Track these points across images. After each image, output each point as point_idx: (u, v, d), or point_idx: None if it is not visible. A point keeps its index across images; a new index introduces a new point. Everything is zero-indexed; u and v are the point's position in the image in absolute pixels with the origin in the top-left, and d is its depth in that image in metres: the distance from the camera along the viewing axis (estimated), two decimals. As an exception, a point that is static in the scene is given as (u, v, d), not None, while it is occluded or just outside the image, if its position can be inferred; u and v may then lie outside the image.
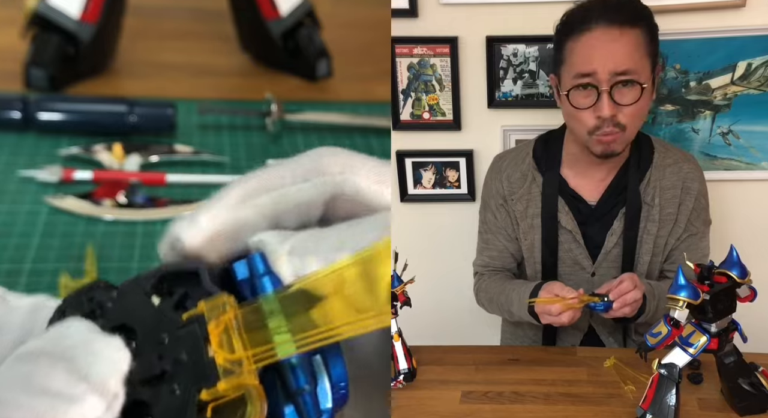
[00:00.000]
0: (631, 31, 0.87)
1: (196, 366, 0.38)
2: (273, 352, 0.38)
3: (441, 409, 0.83)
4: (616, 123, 0.88)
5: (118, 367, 0.37)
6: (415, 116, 1.19)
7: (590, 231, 0.98)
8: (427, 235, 1.26)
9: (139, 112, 1.11)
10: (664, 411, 0.74)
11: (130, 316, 0.41)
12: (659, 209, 0.95)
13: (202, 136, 1.16)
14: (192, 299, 0.40)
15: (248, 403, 0.37)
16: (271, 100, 1.17)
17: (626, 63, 0.86)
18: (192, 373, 0.38)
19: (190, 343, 0.39)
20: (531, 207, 0.98)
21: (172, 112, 1.13)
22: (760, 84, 1.09)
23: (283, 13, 1.30)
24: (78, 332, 0.38)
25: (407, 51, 1.15)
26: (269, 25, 1.31)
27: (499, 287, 1.00)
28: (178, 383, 0.38)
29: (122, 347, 0.38)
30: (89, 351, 0.37)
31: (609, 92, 0.87)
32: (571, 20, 0.90)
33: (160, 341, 0.39)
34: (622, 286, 0.87)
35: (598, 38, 0.87)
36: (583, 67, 0.88)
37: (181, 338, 0.39)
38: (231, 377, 0.37)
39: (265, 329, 0.38)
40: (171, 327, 0.40)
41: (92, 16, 1.21)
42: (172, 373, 0.38)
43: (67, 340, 0.37)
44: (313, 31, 1.32)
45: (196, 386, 0.38)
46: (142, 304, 0.41)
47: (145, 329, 0.40)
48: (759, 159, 1.13)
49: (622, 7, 0.88)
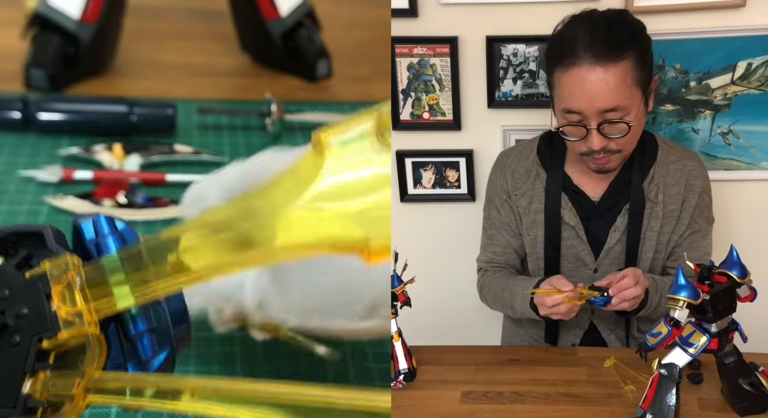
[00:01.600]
0: (618, 65, 0.86)
1: (37, 319, 0.43)
2: (112, 303, 0.44)
3: (441, 409, 0.83)
4: (608, 150, 0.90)
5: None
6: (415, 116, 1.19)
7: (593, 227, 0.98)
8: (427, 235, 1.26)
9: (139, 112, 1.11)
10: (664, 411, 0.74)
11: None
12: (663, 206, 0.95)
13: (202, 136, 1.16)
14: (37, 258, 0.45)
15: (87, 349, 0.43)
16: (271, 100, 1.17)
17: (613, 100, 0.87)
18: (33, 325, 0.43)
19: (31, 298, 0.43)
20: (534, 203, 0.98)
21: (172, 112, 1.13)
22: (760, 84, 1.09)
23: (283, 13, 1.30)
24: None
25: (407, 51, 1.15)
26: (269, 25, 1.31)
27: (502, 282, 1.00)
28: (20, 334, 0.43)
29: None
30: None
31: (597, 128, 0.88)
32: (559, 47, 0.90)
33: (2, 297, 0.44)
34: (623, 282, 0.87)
35: (584, 77, 0.87)
36: (571, 105, 0.89)
37: (22, 293, 0.43)
38: (72, 327, 0.43)
39: (105, 284, 0.44)
40: (12, 283, 0.44)
41: (92, 16, 1.21)
42: (14, 326, 0.43)
43: None
44: (313, 31, 1.32)
45: (36, 336, 0.43)
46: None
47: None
48: (759, 159, 1.13)
49: (609, 38, 0.87)
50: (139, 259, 0.44)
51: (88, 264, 0.45)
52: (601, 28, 0.87)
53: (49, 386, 0.43)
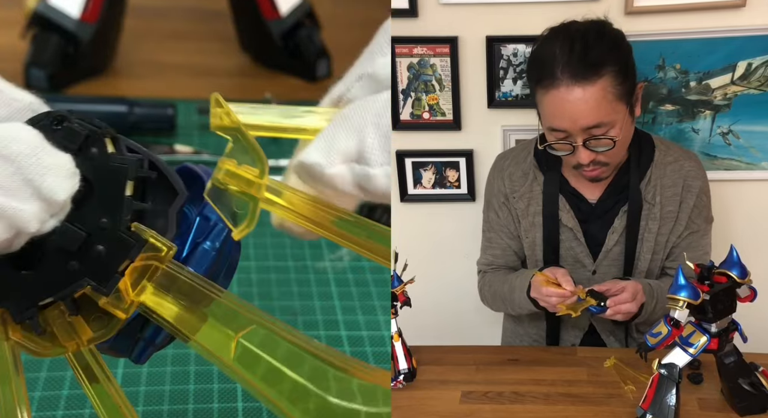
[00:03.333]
0: (597, 83, 0.86)
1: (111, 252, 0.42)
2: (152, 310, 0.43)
3: (441, 409, 0.83)
4: (597, 162, 0.91)
5: (69, 183, 0.39)
6: (415, 116, 1.19)
7: (591, 229, 0.98)
8: (427, 235, 1.26)
9: (139, 112, 1.11)
10: (664, 411, 0.74)
11: (95, 170, 0.42)
12: (660, 207, 0.95)
13: (202, 136, 1.16)
14: (156, 199, 0.44)
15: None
16: (271, 100, 1.17)
17: (595, 118, 0.87)
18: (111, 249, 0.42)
19: (120, 245, 0.42)
20: (532, 205, 0.99)
21: (172, 112, 1.13)
22: (760, 84, 1.09)
23: (283, 14, 1.30)
24: (26, 138, 0.39)
25: (407, 51, 1.15)
26: (269, 25, 1.31)
27: (501, 278, 1.01)
28: (102, 246, 0.42)
29: (74, 171, 0.40)
30: (39, 164, 0.38)
31: (584, 144, 0.89)
32: (538, 68, 0.90)
33: (102, 214, 0.42)
34: (621, 296, 0.88)
35: (563, 98, 0.87)
36: (554, 124, 0.89)
37: (116, 234, 0.42)
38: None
39: (165, 293, 0.42)
40: (117, 213, 0.42)
41: (92, 16, 1.21)
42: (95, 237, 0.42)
43: (14, 145, 0.38)
44: (313, 31, 1.32)
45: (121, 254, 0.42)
46: (113, 171, 0.43)
47: (100, 190, 0.42)
48: (759, 159, 1.13)
49: (586, 56, 0.86)
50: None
51: (173, 266, 0.43)
52: (578, 45, 0.87)
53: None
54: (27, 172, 0.38)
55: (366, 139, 0.39)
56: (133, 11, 1.33)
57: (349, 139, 0.40)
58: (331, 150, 0.40)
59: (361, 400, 0.41)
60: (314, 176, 0.40)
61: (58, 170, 0.39)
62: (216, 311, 0.42)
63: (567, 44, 0.87)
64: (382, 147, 0.39)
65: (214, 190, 0.43)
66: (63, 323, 0.42)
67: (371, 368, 0.42)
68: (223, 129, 0.43)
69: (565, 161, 0.95)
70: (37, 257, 0.41)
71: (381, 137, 0.39)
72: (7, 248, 0.39)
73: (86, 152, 0.42)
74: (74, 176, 0.40)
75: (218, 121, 0.43)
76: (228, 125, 0.43)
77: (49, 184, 0.38)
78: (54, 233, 0.41)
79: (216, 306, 0.42)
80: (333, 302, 0.89)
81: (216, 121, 0.43)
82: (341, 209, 0.42)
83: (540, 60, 0.90)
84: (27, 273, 0.42)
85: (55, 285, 0.42)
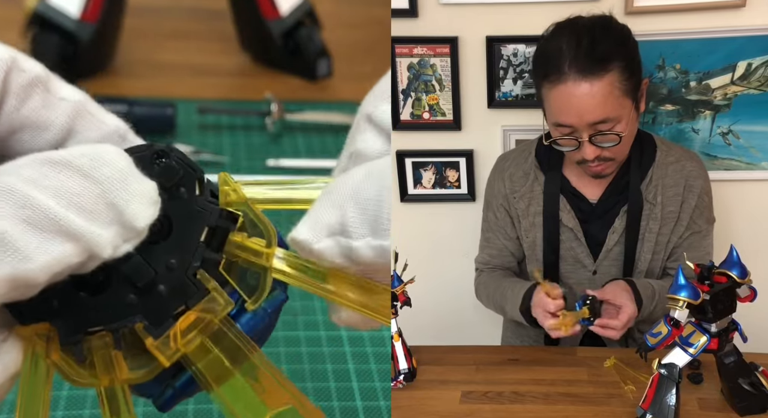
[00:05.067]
0: (604, 79, 0.86)
1: (174, 291, 0.41)
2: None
3: (441, 409, 0.83)
4: (602, 158, 0.91)
5: (150, 211, 0.39)
6: (415, 116, 1.19)
7: (592, 229, 0.98)
8: (427, 235, 1.26)
9: (139, 112, 1.11)
10: (664, 411, 0.74)
11: (178, 209, 0.42)
12: (661, 208, 0.95)
13: (202, 136, 1.16)
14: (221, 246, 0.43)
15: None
16: (271, 100, 1.17)
17: (602, 113, 0.87)
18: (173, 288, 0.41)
19: (181, 289, 0.41)
20: (533, 205, 0.99)
21: (172, 112, 1.13)
22: (760, 84, 1.09)
23: (283, 13, 1.30)
24: (117, 162, 0.38)
25: (407, 51, 1.15)
26: (269, 25, 1.31)
27: (495, 283, 1.00)
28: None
29: (157, 199, 0.39)
30: (125, 189, 0.38)
31: (589, 139, 0.88)
32: (544, 63, 0.90)
33: (173, 254, 0.41)
34: (612, 322, 0.87)
35: (570, 93, 0.87)
36: (560, 119, 0.89)
37: (182, 277, 0.41)
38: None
39: (211, 348, 0.42)
40: (188, 257, 0.41)
41: (92, 16, 1.21)
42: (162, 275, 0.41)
43: (105, 168, 0.38)
44: (313, 31, 1.32)
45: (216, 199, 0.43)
46: (194, 215, 0.42)
47: (178, 231, 0.42)
48: (759, 159, 1.13)
49: (593, 51, 0.86)
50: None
51: (226, 324, 0.42)
52: (585, 40, 0.87)
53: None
54: (113, 197, 0.37)
55: (346, 214, 0.41)
56: (133, 11, 1.33)
57: (332, 214, 0.41)
58: (317, 225, 0.41)
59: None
60: (305, 251, 0.42)
61: (142, 197, 0.38)
62: (251, 373, 0.42)
63: (574, 39, 0.87)
64: (362, 220, 0.40)
65: (227, 263, 0.43)
66: (105, 354, 0.41)
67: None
68: (232, 205, 0.43)
69: (569, 158, 0.94)
70: (100, 282, 0.40)
71: (360, 210, 0.40)
72: (76, 271, 0.38)
73: (175, 191, 0.42)
74: (156, 204, 0.39)
75: (226, 199, 0.43)
76: (236, 201, 0.43)
77: (132, 210, 0.38)
78: (125, 263, 0.39)
79: (251, 368, 0.43)
80: (333, 302, 0.89)
81: (224, 199, 0.43)
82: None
83: (546, 55, 0.90)
84: (85, 296, 0.40)
85: (111, 315, 0.40)
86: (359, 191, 0.41)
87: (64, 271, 0.36)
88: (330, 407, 0.74)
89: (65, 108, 0.44)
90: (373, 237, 0.40)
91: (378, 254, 0.40)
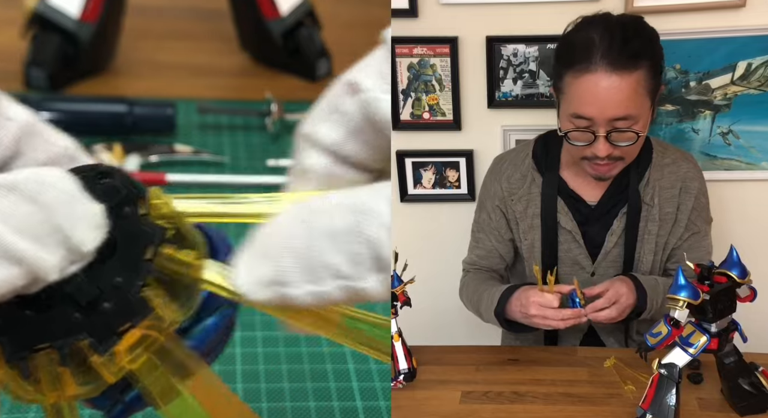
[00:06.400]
0: (633, 74, 0.85)
1: (122, 304, 0.41)
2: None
3: (441, 409, 0.83)
4: (613, 157, 0.89)
5: (97, 235, 0.39)
6: (415, 116, 1.19)
7: (590, 231, 0.98)
8: (427, 235, 1.26)
9: (139, 112, 1.11)
10: (664, 411, 0.74)
11: (122, 229, 0.42)
12: (658, 209, 0.95)
13: (202, 136, 1.16)
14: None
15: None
16: (271, 100, 1.17)
17: (625, 109, 0.86)
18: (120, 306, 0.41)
19: (127, 307, 0.41)
20: (531, 207, 0.98)
21: (172, 112, 1.13)
22: (760, 84, 1.09)
23: (283, 13, 1.30)
24: (63, 185, 0.39)
25: (407, 51, 1.15)
26: (269, 25, 1.31)
27: (474, 286, 1.00)
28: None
29: (103, 223, 0.40)
30: (71, 213, 0.38)
31: (606, 136, 0.87)
32: (571, 51, 0.88)
33: (118, 273, 0.41)
34: (597, 303, 0.88)
35: (597, 84, 0.85)
36: (581, 110, 0.87)
37: (126, 295, 0.41)
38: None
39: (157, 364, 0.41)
40: (133, 275, 0.41)
41: (92, 16, 1.21)
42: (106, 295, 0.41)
43: (51, 191, 0.38)
44: (313, 31, 1.32)
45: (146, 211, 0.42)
46: (139, 234, 0.42)
47: (123, 250, 0.42)
48: (759, 159, 1.13)
49: (626, 46, 0.85)
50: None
51: (173, 340, 0.42)
52: (618, 34, 0.85)
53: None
54: (59, 220, 0.37)
55: (280, 263, 0.39)
56: (133, 11, 1.33)
57: (264, 265, 0.40)
58: (251, 277, 0.40)
59: None
60: (246, 302, 0.41)
61: (89, 220, 0.39)
62: (199, 390, 0.42)
63: (607, 32, 0.85)
64: (302, 267, 0.39)
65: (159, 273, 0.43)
66: (51, 371, 0.41)
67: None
68: (163, 217, 0.43)
69: (576, 153, 0.92)
70: (44, 300, 0.40)
71: (297, 258, 0.39)
72: (21, 292, 0.38)
73: (119, 211, 0.42)
74: (102, 227, 0.40)
75: (158, 211, 0.43)
76: (167, 214, 0.43)
77: (78, 234, 0.38)
78: (69, 282, 0.40)
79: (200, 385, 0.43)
80: (333, 302, 0.89)
81: (155, 211, 0.43)
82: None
83: (574, 44, 0.88)
84: (30, 314, 0.40)
85: (56, 332, 0.40)
86: (293, 238, 0.39)
87: (9, 293, 0.37)
88: (330, 407, 0.74)
89: (12, 128, 0.44)
90: (315, 284, 0.39)
91: (320, 300, 0.39)
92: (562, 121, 0.91)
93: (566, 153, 0.97)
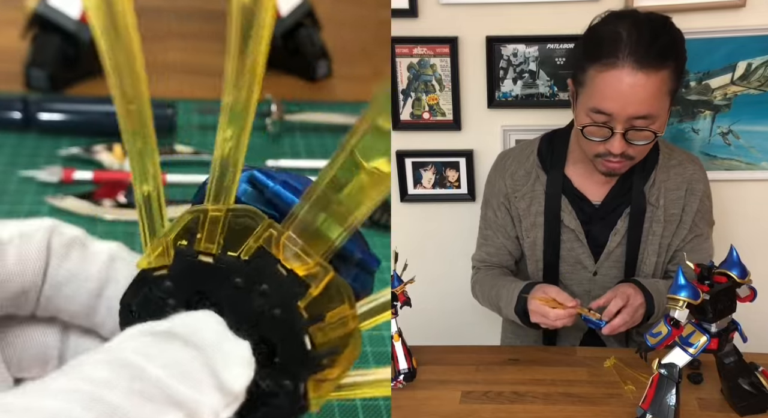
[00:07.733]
0: (659, 74, 0.84)
1: (281, 287, 0.41)
2: (332, 244, 0.41)
3: (441, 409, 0.83)
4: (626, 155, 0.89)
5: (247, 373, 0.39)
6: (415, 116, 1.19)
7: (593, 230, 0.98)
8: (427, 235, 1.26)
9: (139, 113, 1.11)
10: (664, 411, 0.74)
11: (199, 283, 0.42)
12: (663, 210, 0.95)
13: (202, 136, 1.16)
14: (230, 243, 0.42)
15: (336, 288, 0.42)
16: (271, 100, 1.17)
17: (646, 108, 0.85)
18: (282, 292, 0.41)
19: (266, 273, 0.41)
20: (534, 205, 0.98)
21: (172, 112, 1.13)
22: (760, 84, 1.09)
23: (283, 13, 1.30)
24: (210, 327, 0.40)
25: (407, 51, 1.15)
26: (269, 25, 1.31)
27: (491, 281, 1.00)
28: (276, 307, 0.41)
29: (250, 354, 0.40)
30: (224, 353, 0.39)
31: (623, 133, 0.86)
32: (598, 45, 0.87)
33: (238, 286, 0.41)
34: (615, 322, 0.87)
35: (622, 80, 0.84)
36: (602, 105, 0.86)
37: (254, 274, 0.41)
38: (315, 280, 0.41)
39: (317, 231, 0.41)
40: (239, 272, 0.41)
41: (92, 16, 1.21)
42: (263, 304, 0.41)
43: (206, 333, 0.39)
44: (313, 31, 1.32)
45: (294, 300, 0.41)
46: (196, 268, 0.42)
47: (219, 286, 0.42)
48: (759, 159, 1.13)
49: (653, 44, 0.84)
50: (324, 196, 0.41)
51: (287, 221, 0.42)
52: (646, 32, 0.85)
53: (327, 331, 0.42)
54: (212, 363, 0.38)
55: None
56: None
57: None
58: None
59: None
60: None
61: (239, 360, 0.39)
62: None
63: (635, 29, 0.85)
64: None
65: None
66: None
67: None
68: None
69: (589, 148, 0.91)
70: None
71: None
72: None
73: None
74: (251, 365, 0.40)
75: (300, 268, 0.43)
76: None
77: (230, 375, 0.38)
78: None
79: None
80: (333, 302, 0.89)
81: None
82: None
83: (601, 38, 0.87)
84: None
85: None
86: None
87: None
88: (330, 407, 0.74)
89: (101, 258, 0.46)
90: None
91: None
92: (579, 115, 0.89)
93: (576, 148, 0.96)
